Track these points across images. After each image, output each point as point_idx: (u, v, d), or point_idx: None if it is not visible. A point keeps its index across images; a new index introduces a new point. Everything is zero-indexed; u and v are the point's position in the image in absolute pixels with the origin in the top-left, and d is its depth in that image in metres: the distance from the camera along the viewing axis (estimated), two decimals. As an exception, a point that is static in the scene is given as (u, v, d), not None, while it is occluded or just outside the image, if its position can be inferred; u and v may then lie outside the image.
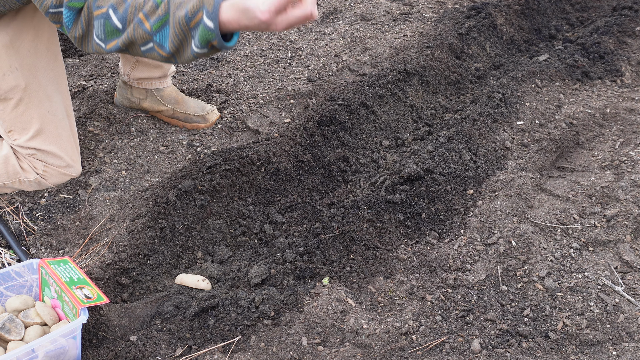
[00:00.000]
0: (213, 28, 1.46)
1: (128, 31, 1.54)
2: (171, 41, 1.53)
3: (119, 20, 1.54)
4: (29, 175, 2.07)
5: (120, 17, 1.54)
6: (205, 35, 1.48)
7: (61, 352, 1.48)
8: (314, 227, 1.95)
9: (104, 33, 1.56)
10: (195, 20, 1.48)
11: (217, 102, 2.62)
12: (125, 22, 1.54)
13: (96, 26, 1.55)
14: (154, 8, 1.52)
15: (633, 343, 1.55)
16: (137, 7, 1.53)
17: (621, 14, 3.15)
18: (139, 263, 1.87)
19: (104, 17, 1.54)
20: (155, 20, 1.52)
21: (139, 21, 1.52)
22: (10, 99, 1.95)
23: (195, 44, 1.51)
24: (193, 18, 1.48)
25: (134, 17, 1.53)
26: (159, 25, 1.52)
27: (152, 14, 1.52)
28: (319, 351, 1.55)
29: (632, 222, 1.90)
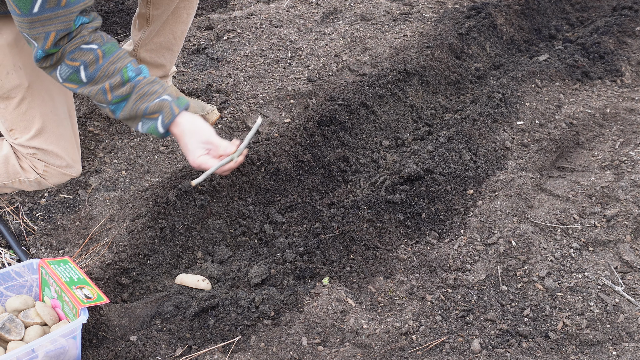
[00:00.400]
0: (162, 133, 1.75)
1: (90, 88, 1.73)
2: (123, 114, 1.76)
3: (86, 77, 1.71)
4: (29, 175, 2.07)
5: (89, 75, 1.71)
6: (152, 131, 1.76)
7: (61, 352, 1.48)
8: (314, 227, 1.95)
9: (67, 76, 1.72)
10: (150, 117, 1.74)
11: (217, 102, 2.62)
12: (90, 81, 1.72)
13: (63, 69, 1.71)
14: (119, 83, 1.72)
15: (633, 343, 1.55)
16: (106, 74, 1.71)
17: (621, 14, 3.15)
18: (139, 263, 1.87)
19: (74, 68, 1.70)
20: (116, 96, 1.73)
21: (103, 89, 1.72)
22: (13, 97, 1.95)
23: (141, 127, 1.77)
24: (149, 115, 1.74)
25: (100, 82, 1.72)
26: (118, 100, 1.74)
27: (116, 89, 1.72)
28: (319, 351, 1.55)
29: (632, 222, 1.90)
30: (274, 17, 3.29)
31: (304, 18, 3.31)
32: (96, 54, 1.70)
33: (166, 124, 1.73)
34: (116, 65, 1.72)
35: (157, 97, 1.73)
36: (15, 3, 1.55)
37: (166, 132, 1.75)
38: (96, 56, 1.70)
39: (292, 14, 3.35)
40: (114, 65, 1.71)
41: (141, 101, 1.72)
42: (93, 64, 1.69)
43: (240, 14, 3.36)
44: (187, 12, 2.32)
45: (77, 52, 1.67)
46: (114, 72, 1.71)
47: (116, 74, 1.71)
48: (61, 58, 1.68)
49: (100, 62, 1.70)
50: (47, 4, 1.55)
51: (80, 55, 1.68)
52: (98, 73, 1.70)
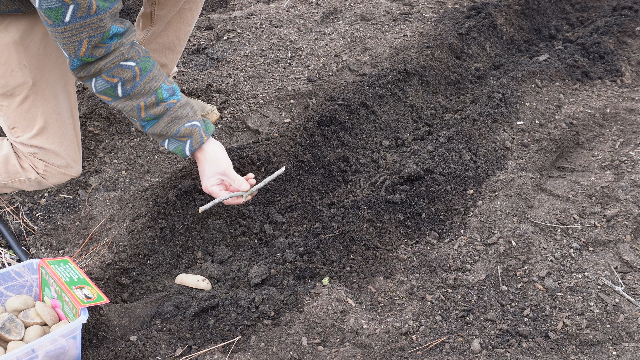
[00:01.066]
0: (187, 155, 1.86)
1: (125, 103, 1.78)
2: (152, 131, 1.84)
3: (122, 93, 1.76)
4: (29, 175, 2.07)
5: (125, 92, 1.76)
6: (178, 152, 1.87)
7: (61, 352, 1.48)
8: (314, 227, 1.95)
9: (103, 90, 1.75)
10: (179, 139, 1.84)
11: (217, 102, 2.62)
12: (126, 96, 1.77)
13: (100, 82, 1.74)
14: (154, 103, 1.79)
15: (633, 343, 1.55)
16: (142, 92, 1.77)
17: (621, 14, 3.15)
18: (139, 263, 1.87)
19: (111, 84, 1.74)
20: (149, 115, 1.80)
21: (138, 107, 1.78)
22: (17, 95, 1.95)
23: (167, 145, 1.87)
24: (179, 137, 1.84)
25: (135, 99, 1.77)
26: (150, 119, 1.81)
27: (150, 108, 1.79)
28: (319, 351, 1.55)
29: (632, 222, 1.90)
30: (274, 17, 3.29)
31: (304, 18, 3.31)
32: (134, 71, 1.74)
33: (194, 149, 1.85)
34: (152, 85, 1.78)
35: (188, 121, 1.84)
36: (47, 14, 1.55)
37: (190, 155, 1.87)
38: (134, 74, 1.74)
39: (292, 14, 3.35)
40: (149, 84, 1.77)
41: (173, 123, 1.82)
42: (130, 81, 1.74)
43: (240, 14, 3.36)
44: (192, 13, 2.32)
45: (116, 69, 1.71)
46: (149, 91, 1.77)
47: (151, 93, 1.78)
48: (99, 72, 1.71)
49: (137, 80, 1.75)
50: (78, 12, 1.56)
51: (119, 72, 1.72)
52: (134, 90, 1.75)
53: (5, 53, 1.88)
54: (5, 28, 1.86)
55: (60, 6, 1.53)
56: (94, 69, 1.70)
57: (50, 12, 1.54)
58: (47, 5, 1.53)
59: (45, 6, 1.53)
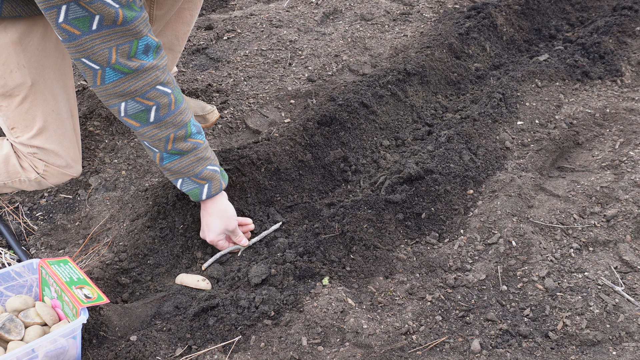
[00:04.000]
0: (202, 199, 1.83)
1: (153, 131, 1.70)
2: (170, 166, 1.78)
3: (154, 119, 1.69)
4: (29, 175, 2.07)
5: (158, 118, 1.69)
6: (192, 194, 1.83)
7: (61, 352, 1.48)
8: (314, 227, 1.95)
9: (134, 113, 1.67)
10: (198, 181, 1.80)
11: (217, 102, 2.62)
12: (157, 123, 1.70)
13: (131, 104, 1.66)
14: (182, 137, 1.74)
15: (633, 343, 1.55)
16: (174, 122, 1.71)
17: (621, 14, 3.15)
18: (139, 263, 1.87)
19: (146, 107, 1.67)
20: (176, 148, 1.74)
21: (167, 138, 1.72)
22: (16, 95, 1.95)
23: (180, 184, 1.82)
24: (199, 179, 1.80)
25: (166, 129, 1.71)
26: (175, 152, 1.75)
27: (178, 141, 1.74)
28: (319, 351, 1.55)
29: (632, 222, 1.90)
30: (274, 17, 3.29)
31: (304, 18, 3.31)
32: (170, 99, 1.69)
33: (211, 194, 1.83)
34: (183, 117, 1.73)
35: (210, 164, 1.82)
36: (75, 25, 1.52)
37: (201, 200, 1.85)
38: (170, 101, 1.69)
39: (292, 14, 3.35)
40: (182, 116, 1.73)
41: (197, 164, 1.78)
42: (165, 107, 1.68)
43: (240, 14, 3.36)
44: (191, 13, 2.32)
45: (153, 92, 1.65)
46: (181, 123, 1.73)
47: (182, 126, 1.73)
48: (133, 93, 1.63)
49: (172, 109, 1.70)
50: (105, 21, 1.53)
51: (156, 96, 1.66)
52: (167, 118, 1.69)
53: (4, 53, 1.88)
54: (4, 29, 1.87)
55: (87, 15, 1.51)
56: (128, 88, 1.62)
57: (78, 21, 1.51)
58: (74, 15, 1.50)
59: (72, 16, 1.50)
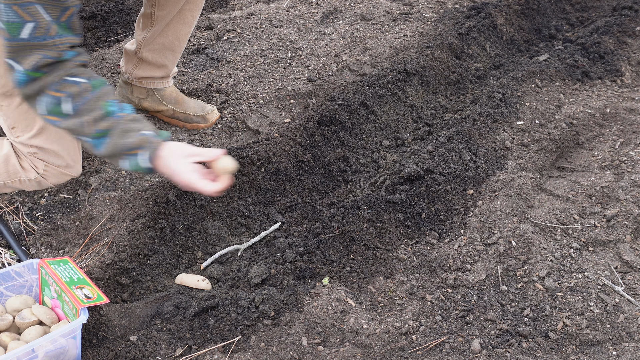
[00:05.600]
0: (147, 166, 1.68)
1: (73, 121, 1.68)
2: (105, 151, 1.69)
3: (71, 109, 1.67)
4: (29, 175, 2.07)
5: (73, 108, 1.67)
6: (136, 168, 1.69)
7: (61, 352, 1.48)
8: (314, 227, 1.95)
9: (51, 108, 1.68)
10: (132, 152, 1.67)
11: (217, 102, 2.62)
12: (74, 113, 1.67)
13: (45, 99, 1.66)
14: (101, 117, 1.67)
15: (633, 343, 1.55)
16: (89, 108, 1.67)
17: (621, 14, 3.15)
18: (139, 263, 1.87)
19: (57, 99, 1.66)
20: (98, 130, 1.67)
21: (86, 122, 1.67)
22: (17, 95, 1.95)
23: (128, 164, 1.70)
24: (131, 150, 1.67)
25: (83, 115, 1.67)
26: (99, 135, 1.68)
27: (97, 122, 1.67)
28: (319, 351, 1.55)
29: (632, 222, 1.90)
30: (274, 17, 3.29)
31: (304, 18, 3.31)
32: (81, 87, 1.67)
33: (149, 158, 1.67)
34: (100, 102, 1.69)
35: (140, 132, 1.68)
36: (6, 27, 1.56)
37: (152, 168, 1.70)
38: (81, 89, 1.67)
39: (292, 14, 3.35)
40: (98, 102, 1.69)
41: (124, 136, 1.67)
42: (78, 96, 1.67)
43: (240, 14, 3.36)
44: (192, 14, 2.32)
45: (61, 84, 1.65)
46: (97, 107, 1.68)
47: (98, 109, 1.68)
48: (44, 88, 1.65)
49: (85, 96, 1.67)
50: (36, 32, 1.56)
51: (64, 87, 1.65)
52: (81, 106, 1.67)
53: None
54: None
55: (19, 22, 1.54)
56: (39, 83, 1.64)
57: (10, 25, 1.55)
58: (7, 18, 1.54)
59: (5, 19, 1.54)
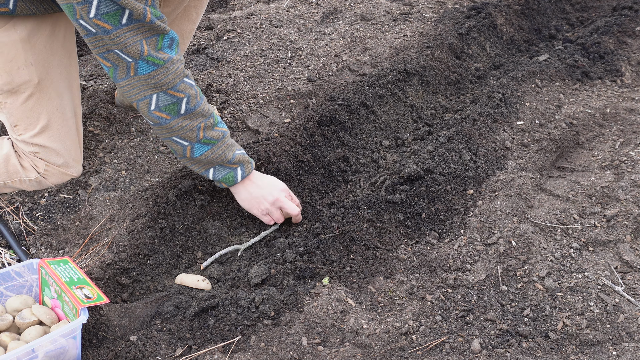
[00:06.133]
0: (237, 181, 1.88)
1: (184, 122, 1.75)
2: (204, 157, 1.82)
3: (185, 110, 1.74)
4: (29, 174, 2.07)
5: (188, 109, 1.75)
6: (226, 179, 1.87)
7: (61, 352, 1.48)
8: (314, 227, 1.95)
9: (165, 105, 1.72)
10: (231, 166, 1.86)
11: (217, 102, 2.62)
12: (188, 114, 1.75)
13: (162, 97, 1.71)
14: (212, 125, 1.80)
15: (633, 343, 1.55)
16: (202, 112, 1.78)
17: (621, 14, 3.15)
18: (139, 263, 1.87)
19: (177, 99, 1.73)
20: (207, 137, 1.79)
21: (198, 127, 1.77)
22: (22, 92, 1.95)
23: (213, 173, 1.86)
24: (232, 164, 1.85)
25: (196, 119, 1.76)
26: (206, 142, 1.80)
27: (209, 129, 1.79)
28: (319, 351, 1.55)
29: (632, 222, 1.90)
30: (274, 17, 3.29)
31: (304, 18, 3.31)
32: (196, 90, 1.77)
33: (245, 175, 1.89)
34: (209, 107, 1.80)
35: (237, 149, 1.88)
36: (106, 19, 1.57)
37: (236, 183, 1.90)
38: (196, 92, 1.76)
39: (292, 14, 3.35)
40: (207, 106, 1.79)
41: (228, 150, 1.84)
42: (194, 99, 1.75)
43: (240, 14, 3.36)
44: (197, 11, 2.33)
45: (182, 84, 1.72)
46: (208, 113, 1.79)
47: (210, 115, 1.80)
48: (164, 86, 1.69)
49: (199, 100, 1.77)
50: (134, 15, 1.59)
51: (185, 88, 1.73)
52: (197, 109, 1.76)
53: (13, 50, 1.89)
54: (13, 26, 1.87)
55: (117, 9, 1.57)
56: (161, 80, 1.68)
57: (109, 15, 1.57)
58: (105, 10, 1.56)
59: (104, 11, 1.56)
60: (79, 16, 1.58)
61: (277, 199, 1.93)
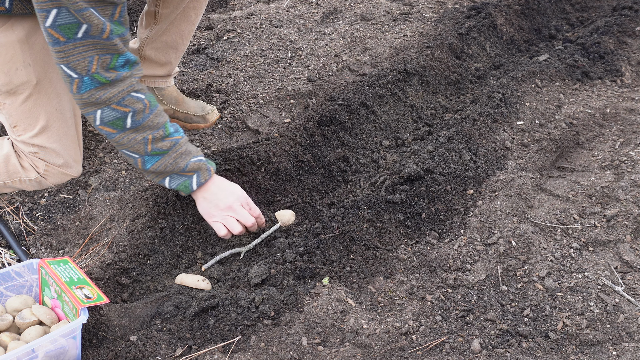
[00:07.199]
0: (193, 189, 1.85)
1: (131, 136, 1.74)
2: (154, 168, 1.80)
3: (131, 124, 1.73)
4: (29, 174, 2.07)
5: (134, 123, 1.74)
6: (182, 187, 1.85)
7: (61, 352, 1.48)
8: (314, 227, 1.95)
9: (110, 120, 1.72)
10: (185, 174, 1.83)
11: (217, 102, 2.62)
12: (134, 128, 1.74)
13: (107, 112, 1.71)
14: (161, 137, 1.78)
15: (633, 343, 1.55)
16: (150, 125, 1.76)
17: (621, 14, 3.15)
18: (139, 263, 1.87)
19: (122, 114, 1.71)
20: (156, 149, 1.78)
21: (145, 140, 1.75)
22: (20, 93, 1.95)
23: (169, 182, 1.84)
24: (186, 172, 1.82)
25: (143, 132, 1.75)
26: (156, 153, 1.78)
27: (157, 141, 1.77)
28: (319, 351, 1.55)
29: (632, 222, 1.90)
30: (274, 17, 3.29)
31: (304, 18, 3.31)
32: (144, 103, 1.75)
33: (202, 182, 1.85)
34: (159, 119, 1.78)
35: (194, 156, 1.84)
36: (61, 31, 1.56)
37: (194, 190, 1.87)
38: (144, 105, 1.75)
39: (292, 14, 3.35)
40: (157, 118, 1.78)
41: (180, 159, 1.81)
42: (140, 112, 1.74)
43: (240, 14, 3.36)
44: (196, 12, 2.32)
45: (128, 99, 1.71)
46: (157, 125, 1.78)
47: (159, 127, 1.78)
48: (108, 101, 1.68)
49: (147, 113, 1.75)
50: (92, 31, 1.58)
51: (131, 102, 1.71)
52: (144, 122, 1.75)
53: (11, 51, 1.89)
54: (11, 26, 1.87)
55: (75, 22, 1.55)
56: (104, 96, 1.67)
57: (65, 27, 1.55)
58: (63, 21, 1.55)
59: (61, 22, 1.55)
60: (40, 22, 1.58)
61: (230, 206, 1.86)
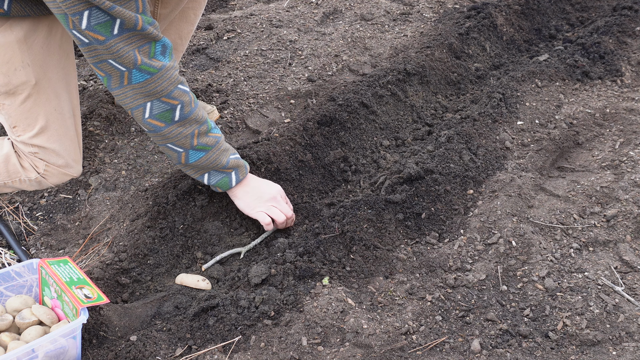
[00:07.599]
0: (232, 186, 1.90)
1: (178, 129, 1.76)
2: (196, 162, 1.83)
3: (179, 117, 1.76)
4: (29, 174, 2.07)
5: (182, 116, 1.76)
6: (221, 184, 1.89)
7: (61, 352, 1.48)
8: (314, 227, 1.95)
9: (159, 113, 1.73)
10: (225, 171, 1.87)
11: (217, 102, 2.62)
12: (182, 121, 1.76)
13: (156, 104, 1.72)
14: (205, 131, 1.81)
15: (633, 343, 1.55)
16: (196, 119, 1.79)
17: (621, 14, 3.15)
18: (139, 263, 1.87)
19: (171, 106, 1.74)
20: (201, 143, 1.81)
21: (192, 134, 1.78)
22: (19, 94, 1.95)
23: (208, 178, 1.88)
24: (227, 169, 1.87)
25: (190, 126, 1.78)
26: (200, 148, 1.81)
27: (202, 136, 1.81)
28: (319, 351, 1.55)
29: (632, 222, 1.90)
30: (274, 17, 3.29)
31: (304, 18, 3.31)
32: (190, 96, 1.78)
33: (240, 179, 1.90)
34: (202, 113, 1.81)
35: (233, 153, 1.90)
36: (98, 30, 1.58)
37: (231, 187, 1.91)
38: (190, 98, 1.77)
39: (292, 14, 3.35)
40: (201, 112, 1.80)
41: (222, 155, 1.86)
42: (188, 105, 1.76)
43: (240, 14, 3.36)
44: (195, 12, 2.32)
45: (176, 91, 1.73)
46: (202, 119, 1.80)
47: (204, 122, 1.81)
48: (158, 94, 1.70)
49: (193, 106, 1.78)
50: (125, 25, 1.60)
51: (179, 95, 1.74)
52: (191, 115, 1.77)
53: (9, 51, 1.88)
54: (9, 27, 1.87)
55: (109, 19, 1.57)
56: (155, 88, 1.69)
57: (101, 26, 1.57)
58: (97, 21, 1.57)
59: (95, 22, 1.57)
60: (72, 26, 1.60)
61: (273, 197, 1.94)
